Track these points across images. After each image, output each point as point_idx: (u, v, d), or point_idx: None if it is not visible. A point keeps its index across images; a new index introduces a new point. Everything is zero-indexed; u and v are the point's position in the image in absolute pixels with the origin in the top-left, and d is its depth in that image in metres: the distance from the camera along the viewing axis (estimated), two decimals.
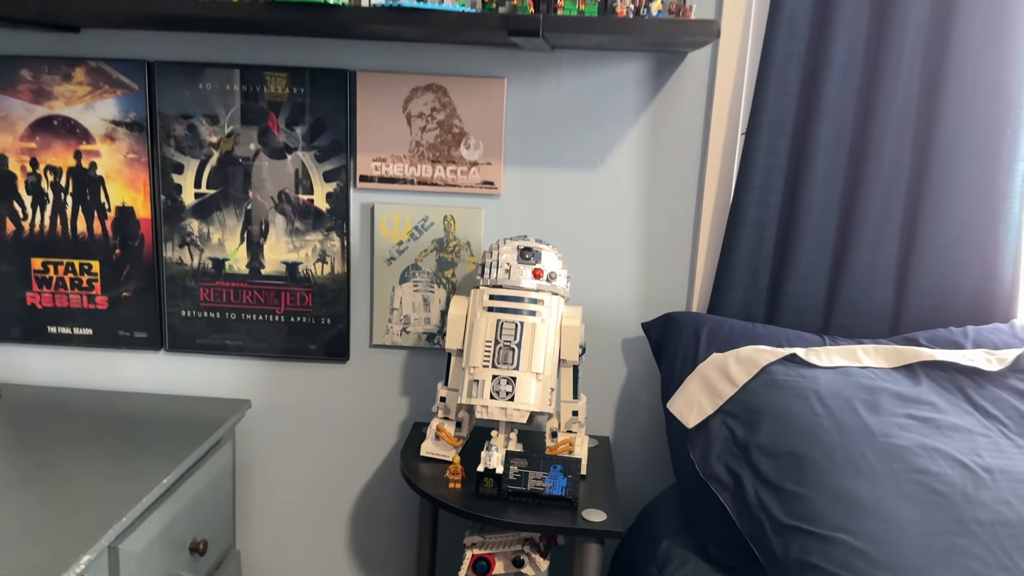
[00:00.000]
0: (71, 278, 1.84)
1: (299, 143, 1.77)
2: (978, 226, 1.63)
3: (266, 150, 1.77)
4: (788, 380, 1.34)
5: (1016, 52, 1.57)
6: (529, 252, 1.60)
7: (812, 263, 1.66)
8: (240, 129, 1.76)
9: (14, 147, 1.79)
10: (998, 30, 1.56)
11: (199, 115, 1.76)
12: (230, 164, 1.78)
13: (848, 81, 1.59)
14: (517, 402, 1.51)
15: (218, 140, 1.77)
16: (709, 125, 1.71)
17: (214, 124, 1.77)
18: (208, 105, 1.75)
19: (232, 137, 1.77)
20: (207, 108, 1.76)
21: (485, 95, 1.74)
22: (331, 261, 1.82)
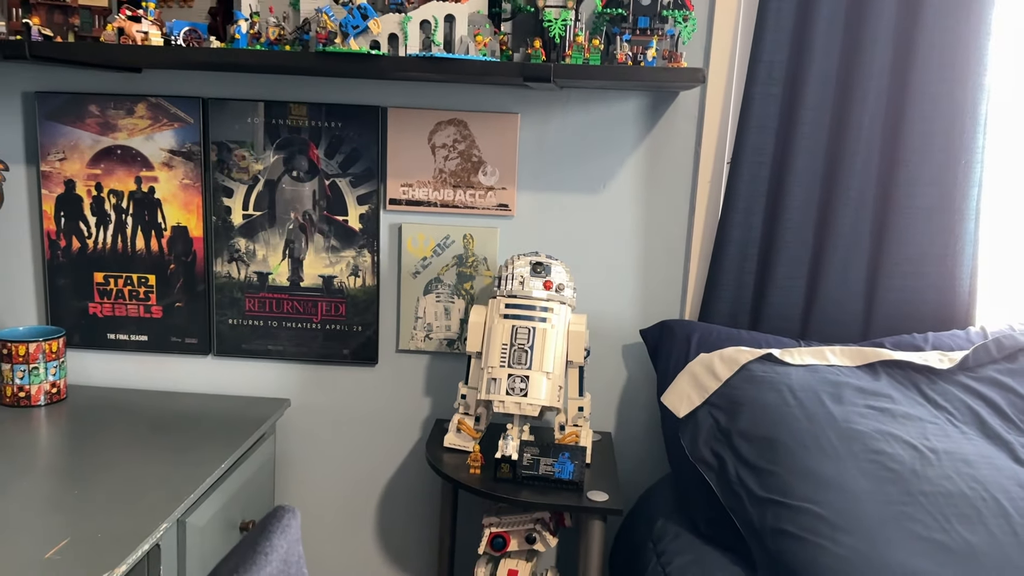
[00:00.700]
0: (129, 290, 2.06)
1: (336, 170, 2.00)
2: (937, 245, 1.85)
3: (307, 176, 2.00)
4: (765, 376, 1.56)
5: (968, 94, 1.79)
6: (540, 266, 1.82)
7: (790, 277, 1.87)
8: (284, 158, 1.99)
9: (81, 173, 2.02)
10: (952, 75, 1.78)
11: (248, 145, 1.99)
12: (275, 189, 2.00)
13: (820, 118, 1.82)
14: (530, 397, 1.72)
15: (264, 168, 2.00)
16: (699, 156, 1.93)
17: (261, 153, 1.99)
18: (256, 136, 1.98)
19: (277, 165, 1.99)
20: (255, 139, 1.98)
21: (501, 128, 1.96)
22: (363, 275, 2.04)
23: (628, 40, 1.76)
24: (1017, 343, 1.60)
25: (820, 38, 1.77)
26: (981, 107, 1.81)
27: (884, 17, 1.76)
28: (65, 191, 2.02)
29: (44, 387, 1.91)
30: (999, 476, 1.37)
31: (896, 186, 1.82)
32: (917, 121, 1.80)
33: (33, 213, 2.05)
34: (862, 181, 1.83)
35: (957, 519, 1.31)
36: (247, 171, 2.00)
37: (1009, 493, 1.34)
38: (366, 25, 1.55)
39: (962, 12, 1.76)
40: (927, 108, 1.79)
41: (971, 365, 1.60)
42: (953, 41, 1.77)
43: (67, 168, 2.01)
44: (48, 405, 1.92)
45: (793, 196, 1.84)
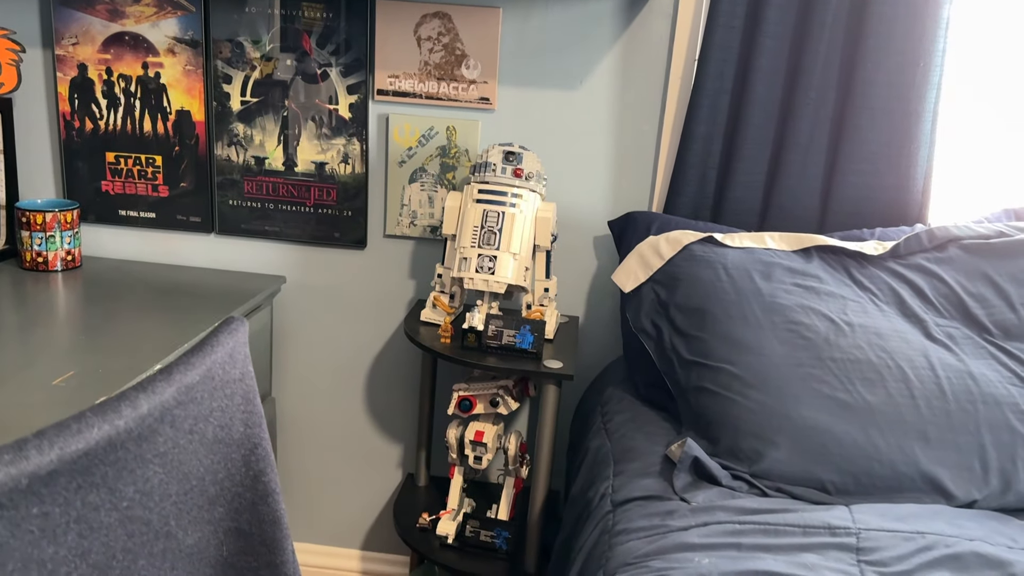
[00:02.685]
0: (138, 170, 2.22)
1: (328, 60, 2.11)
2: (893, 144, 1.94)
3: (300, 65, 2.12)
4: (703, 255, 1.69)
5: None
6: (512, 155, 1.95)
7: (750, 173, 1.98)
8: (279, 47, 2.11)
9: (93, 57, 2.16)
10: None
11: (245, 35, 2.11)
12: (270, 77, 2.13)
13: (784, 20, 1.89)
14: (497, 275, 1.87)
15: (259, 56, 2.12)
16: (671, 53, 2.02)
17: (257, 43, 2.11)
18: (253, 26, 2.10)
19: (271, 53, 2.11)
20: (252, 29, 2.10)
21: (483, 22, 2.06)
22: (352, 162, 2.18)
23: None
24: (948, 234, 1.71)
25: None
26: (944, 9, 1.86)
27: None
28: (78, 75, 2.17)
29: (60, 254, 2.10)
30: (907, 348, 1.50)
31: (854, 86, 1.90)
32: (877, 22, 1.86)
33: (50, 95, 2.20)
34: (822, 81, 1.91)
35: (860, 382, 1.45)
36: (244, 60, 2.13)
37: (913, 363, 1.48)
38: None
39: None
40: (888, 9, 1.86)
41: (902, 253, 1.71)
42: None
43: (80, 52, 2.15)
44: (64, 271, 2.11)
45: (756, 95, 1.93)
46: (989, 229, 1.73)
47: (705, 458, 1.40)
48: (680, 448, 1.42)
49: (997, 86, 2.03)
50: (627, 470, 1.46)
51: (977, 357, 1.52)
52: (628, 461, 1.50)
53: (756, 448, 1.42)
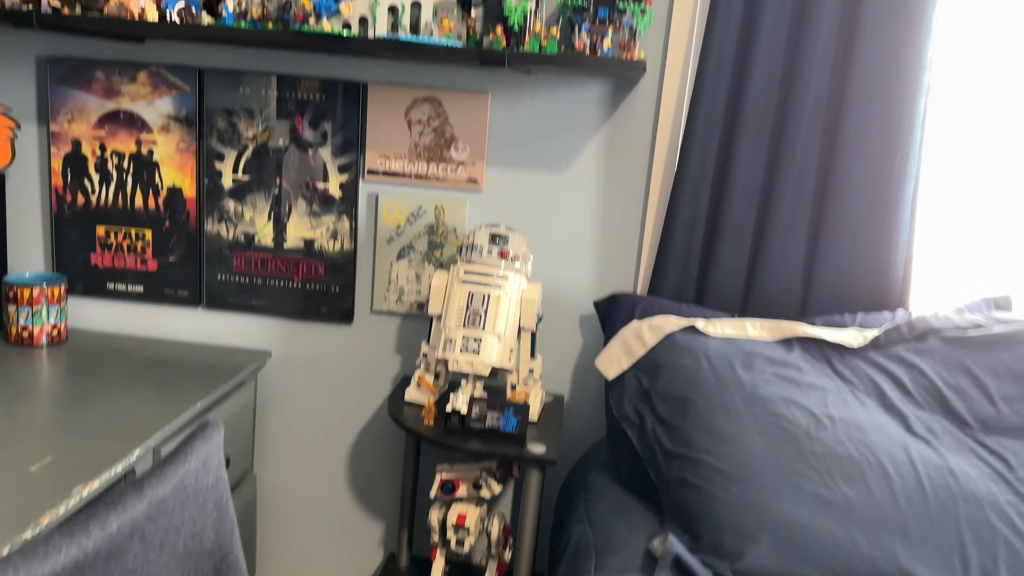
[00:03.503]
0: (128, 244, 2.24)
1: (320, 140, 2.15)
2: (872, 233, 1.97)
3: (293, 145, 2.15)
4: (686, 344, 1.70)
5: (907, 90, 1.90)
6: (499, 237, 1.97)
7: (733, 256, 2.00)
8: (272, 126, 2.15)
9: (87, 134, 2.19)
10: (891, 72, 1.89)
11: (239, 113, 2.15)
12: (263, 155, 2.17)
13: (765, 108, 1.94)
14: (482, 357, 1.87)
15: (253, 135, 2.16)
16: (655, 139, 2.06)
17: (251, 121, 2.15)
18: (247, 105, 2.14)
19: (266, 133, 2.15)
20: (246, 108, 2.14)
21: (472, 107, 2.10)
22: (341, 239, 2.20)
23: (587, 29, 1.90)
24: (927, 325, 1.73)
25: (766, 34, 1.88)
26: (920, 103, 1.92)
27: (827, 15, 1.87)
28: (72, 150, 2.20)
29: (46, 328, 2.10)
30: (888, 443, 1.51)
31: (834, 175, 1.94)
32: (855, 114, 1.91)
33: (43, 169, 2.23)
34: (802, 169, 1.95)
35: (841, 478, 1.45)
36: (237, 138, 2.16)
37: (894, 458, 1.48)
38: (337, 8, 1.70)
39: (903, 13, 1.86)
40: (865, 101, 1.91)
41: (882, 343, 1.72)
42: (893, 39, 1.88)
43: (74, 129, 2.19)
44: (49, 345, 2.11)
45: (737, 181, 1.97)
46: (968, 321, 1.75)
47: (687, 556, 1.39)
48: (662, 544, 1.41)
49: (976, 174, 2.08)
50: (608, 564, 1.45)
51: (957, 452, 1.52)
52: (610, 554, 1.48)
53: (738, 545, 1.41)
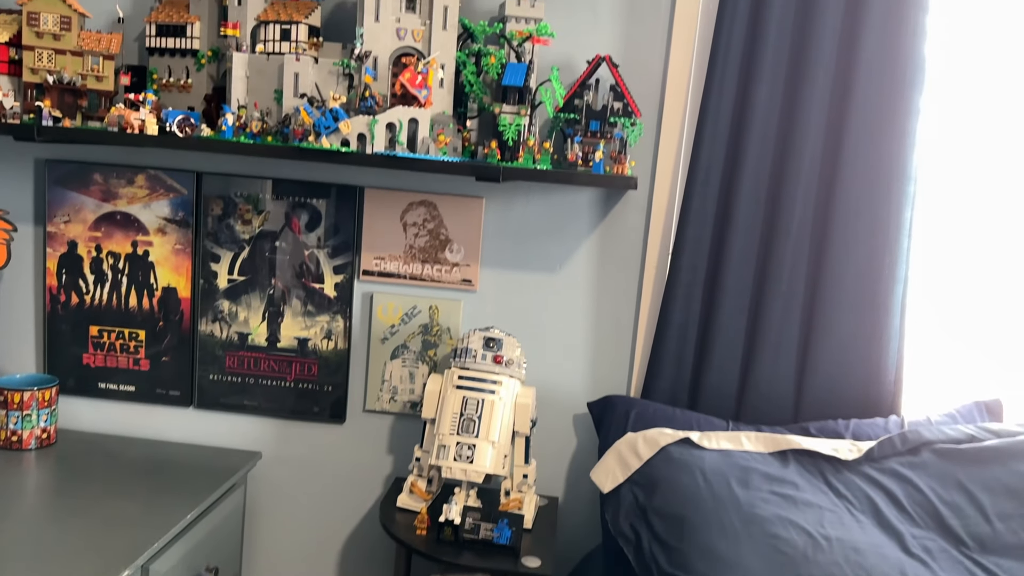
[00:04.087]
0: (120, 343, 2.23)
1: (315, 242, 2.17)
2: (862, 337, 1.99)
3: (289, 247, 2.17)
4: (681, 458, 1.70)
5: (892, 200, 1.94)
6: (493, 341, 1.98)
7: (725, 359, 2.02)
8: (268, 229, 2.17)
9: (83, 235, 2.20)
10: (877, 183, 1.93)
11: (236, 216, 2.17)
12: (258, 256, 2.18)
13: (753, 217, 1.97)
14: (476, 464, 1.86)
15: (249, 237, 2.18)
16: (646, 244, 2.09)
17: (247, 224, 2.17)
18: (244, 208, 2.16)
19: (261, 236, 2.17)
20: (243, 210, 2.16)
21: (467, 210, 2.13)
22: (335, 339, 2.20)
23: (579, 141, 1.94)
24: (921, 438, 1.73)
25: (754, 145, 1.93)
26: (905, 213, 1.96)
27: (813, 128, 1.92)
28: (68, 251, 2.21)
29: (35, 432, 2.07)
30: (884, 565, 1.50)
31: (824, 280, 1.97)
32: (844, 221, 1.95)
33: (38, 270, 2.24)
34: (792, 274, 1.98)
35: None
36: (234, 239, 2.18)
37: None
38: (337, 126, 1.73)
39: (886, 128, 1.92)
40: (852, 210, 1.94)
41: (876, 456, 1.73)
42: (879, 152, 1.92)
43: (71, 230, 2.20)
44: (38, 449, 2.08)
45: (729, 285, 1.99)
46: (961, 432, 1.76)
47: None
48: None
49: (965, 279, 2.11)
50: None
51: (953, 572, 1.52)
52: None
53: None
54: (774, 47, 1.91)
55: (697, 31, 2.01)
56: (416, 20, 1.89)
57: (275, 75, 1.89)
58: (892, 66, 1.90)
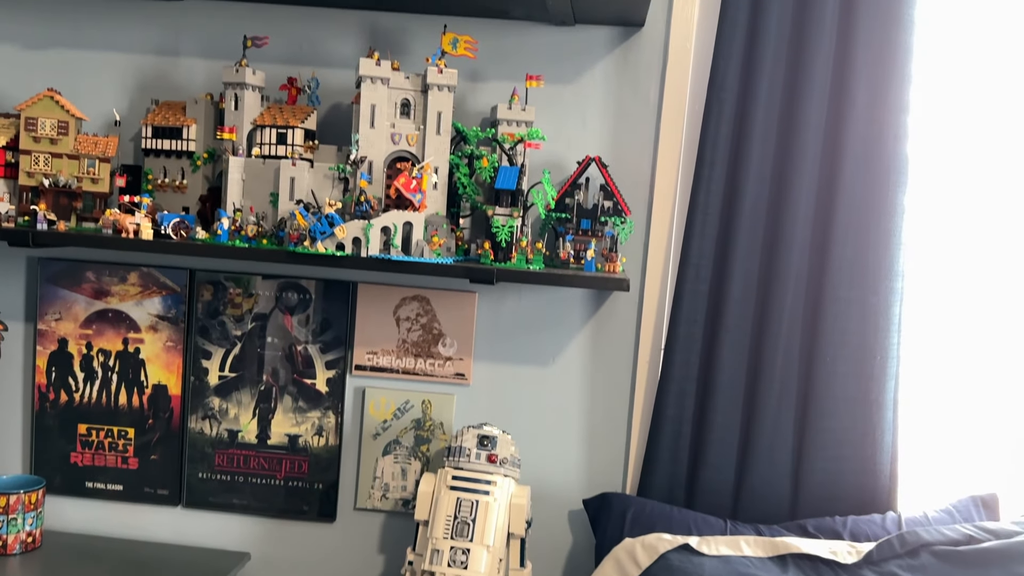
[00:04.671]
0: (109, 442, 2.20)
1: (308, 337, 2.17)
2: (856, 432, 1.99)
3: (281, 342, 2.17)
4: (681, 566, 1.67)
5: (880, 299, 1.96)
6: (487, 439, 1.97)
7: (720, 456, 2.01)
8: (261, 325, 2.17)
9: (74, 333, 2.19)
10: (864, 281, 1.96)
11: (228, 313, 2.17)
12: (250, 353, 2.17)
13: (743, 315, 1.99)
14: (470, 571, 1.83)
15: (241, 333, 2.17)
16: (638, 339, 2.10)
17: (239, 321, 2.17)
18: (236, 305, 2.17)
19: (254, 331, 2.17)
20: (235, 307, 2.17)
21: (460, 305, 2.14)
22: (326, 435, 2.18)
23: (571, 240, 1.97)
24: (919, 539, 1.72)
25: (741, 246, 1.96)
26: (894, 308, 1.98)
27: (799, 230, 1.95)
28: (58, 348, 2.20)
29: (20, 536, 2.03)
30: None
31: (816, 377, 1.98)
32: (833, 319, 1.96)
33: (27, 368, 2.22)
34: (784, 371, 1.99)
35: None
36: (226, 336, 2.17)
37: None
38: (332, 231, 1.75)
39: (872, 226, 1.95)
40: (842, 307, 1.97)
41: (875, 560, 1.71)
42: (865, 252, 1.95)
43: (61, 328, 2.19)
44: (22, 554, 2.03)
45: (722, 382, 2.00)
46: (959, 533, 1.75)
47: None
48: None
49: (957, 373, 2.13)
50: None
51: None
52: None
53: None
54: (760, 145, 1.96)
55: (684, 131, 2.06)
56: (411, 125, 1.93)
57: (271, 178, 1.91)
58: (876, 165, 1.94)
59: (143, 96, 2.17)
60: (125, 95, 2.18)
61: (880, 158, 1.94)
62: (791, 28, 1.95)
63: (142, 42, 2.17)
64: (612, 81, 2.09)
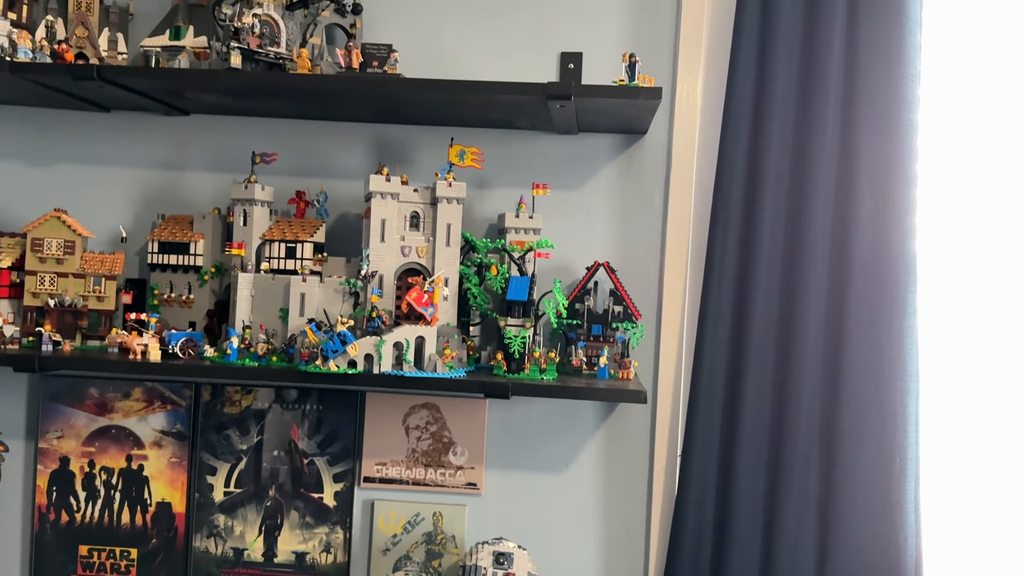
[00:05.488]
0: (111, 563, 2.13)
1: (315, 450, 2.13)
2: (879, 536, 1.94)
3: (287, 456, 2.12)
4: None
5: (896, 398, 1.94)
6: (503, 556, 1.91)
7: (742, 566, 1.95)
8: (267, 438, 2.12)
9: (76, 451, 2.14)
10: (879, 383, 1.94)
11: (233, 427, 2.13)
12: (256, 467, 2.12)
13: (760, 419, 1.96)
14: None
15: (247, 448, 2.13)
16: (653, 446, 2.07)
17: (245, 435, 2.13)
18: (242, 419, 2.13)
19: (259, 446, 2.12)
20: (241, 422, 2.13)
21: (471, 412, 2.11)
22: (335, 552, 2.12)
23: (583, 346, 1.96)
24: None
25: (754, 351, 1.95)
26: (910, 408, 1.96)
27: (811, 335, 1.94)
28: (59, 467, 2.14)
29: None
30: None
31: (836, 483, 1.94)
32: (849, 424, 1.94)
33: (27, 488, 2.16)
34: (802, 477, 1.95)
35: None
36: (231, 451, 2.13)
37: None
38: (344, 349, 1.73)
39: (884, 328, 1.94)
40: (858, 411, 1.94)
41: None
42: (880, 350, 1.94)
43: (63, 446, 2.14)
44: None
45: (740, 493, 1.96)
46: None
47: None
48: None
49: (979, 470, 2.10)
50: None
51: None
52: None
53: None
54: (768, 252, 1.96)
55: (690, 235, 2.07)
56: (420, 237, 1.93)
57: (280, 294, 1.90)
58: (885, 266, 1.94)
59: (149, 210, 2.17)
60: (131, 209, 2.18)
61: (889, 259, 1.94)
62: (793, 135, 1.98)
63: (148, 156, 2.18)
64: (617, 187, 2.11)
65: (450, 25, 2.12)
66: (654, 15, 2.09)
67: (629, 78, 1.80)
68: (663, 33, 2.09)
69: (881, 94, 1.94)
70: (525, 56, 2.11)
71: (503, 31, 2.11)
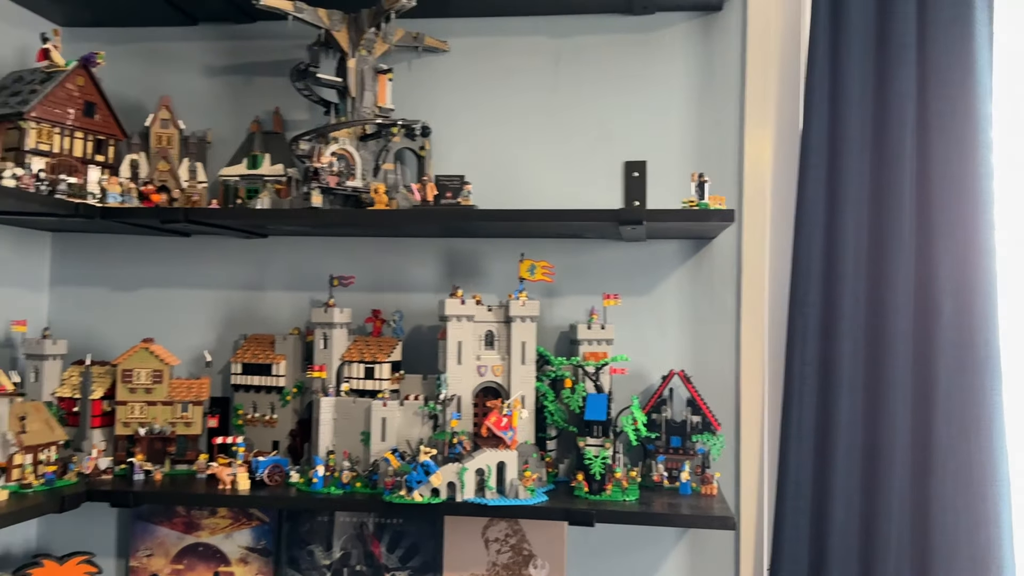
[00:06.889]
0: None
1: (396, 564, 2.14)
2: None
3: (370, 571, 2.14)
4: None
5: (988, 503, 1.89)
6: None
7: None
8: (349, 552, 2.14)
9: (166, 569, 2.19)
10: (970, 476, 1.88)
11: (316, 542, 2.15)
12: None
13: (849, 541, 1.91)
14: None
15: (330, 563, 2.15)
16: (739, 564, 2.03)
17: (327, 550, 2.15)
18: (324, 535, 2.15)
19: (342, 559, 2.14)
20: (323, 537, 2.15)
21: (550, 524, 2.10)
22: None
23: (663, 460, 1.94)
24: None
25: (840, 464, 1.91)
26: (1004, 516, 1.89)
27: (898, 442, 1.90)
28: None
29: None
30: None
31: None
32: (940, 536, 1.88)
33: None
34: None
35: None
36: (314, 566, 2.15)
37: None
38: (428, 479, 1.75)
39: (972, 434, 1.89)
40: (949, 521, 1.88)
41: None
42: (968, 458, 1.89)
43: (153, 564, 2.19)
44: None
45: None
46: None
47: None
48: None
49: None
50: None
51: None
52: None
53: None
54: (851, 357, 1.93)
55: (766, 337, 2.05)
56: (496, 356, 1.95)
57: (361, 417, 1.94)
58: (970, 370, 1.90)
59: (231, 329, 2.24)
60: (213, 329, 2.25)
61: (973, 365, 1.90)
62: (868, 236, 1.96)
63: (228, 278, 2.25)
64: (687, 292, 2.11)
65: (514, 133, 2.16)
66: (716, 121, 2.11)
67: (699, 197, 1.82)
68: (728, 137, 2.10)
69: (955, 196, 1.91)
70: (590, 161, 2.13)
71: (567, 142, 2.15)
